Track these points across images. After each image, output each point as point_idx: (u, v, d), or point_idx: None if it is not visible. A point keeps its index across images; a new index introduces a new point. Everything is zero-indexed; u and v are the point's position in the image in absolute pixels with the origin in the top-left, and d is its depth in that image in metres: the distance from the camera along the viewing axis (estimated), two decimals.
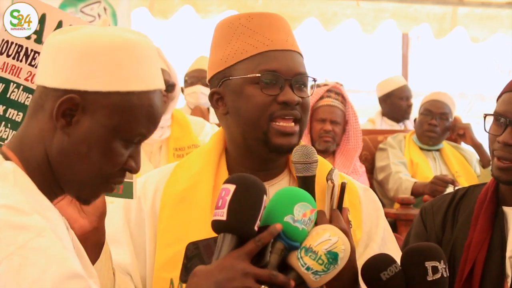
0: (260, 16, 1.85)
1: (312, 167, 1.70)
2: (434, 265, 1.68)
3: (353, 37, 8.10)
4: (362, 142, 4.52)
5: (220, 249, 1.49)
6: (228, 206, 1.48)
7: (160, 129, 3.97)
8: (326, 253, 1.51)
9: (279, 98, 1.77)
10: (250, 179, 1.53)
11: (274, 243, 1.50)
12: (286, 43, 1.82)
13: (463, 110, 7.49)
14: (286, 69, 1.79)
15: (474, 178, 4.77)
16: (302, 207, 1.53)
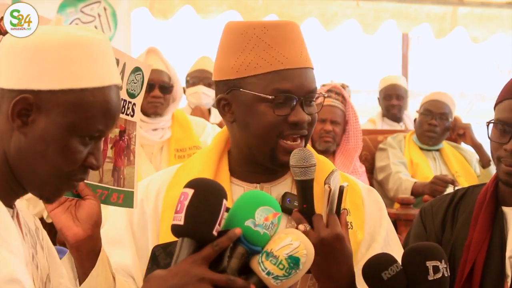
0: (276, 28, 1.82)
1: (309, 171, 1.69)
2: (435, 264, 1.68)
3: (353, 37, 8.10)
4: (362, 142, 4.52)
5: (179, 253, 1.48)
6: (186, 211, 1.47)
7: (160, 130, 3.97)
8: (287, 257, 1.49)
9: (290, 119, 1.77)
10: (209, 183, 1.52)
11: (235, 248, 1.49)
12: (300, 60, 1.80)
13: (463, 110, 7.49)
14: (298, 88, 1.78)
15: (474, 178, 4.76)
16: (264, 211, 1.51)
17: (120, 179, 1.83)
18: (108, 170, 1.81)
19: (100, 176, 1.80)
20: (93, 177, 1.78)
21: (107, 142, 1.80)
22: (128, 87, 1.83)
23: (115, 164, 1.82)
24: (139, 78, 1.85)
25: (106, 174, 1.81)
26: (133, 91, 1.85)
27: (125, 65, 1.81)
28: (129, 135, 1.86)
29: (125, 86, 1.82)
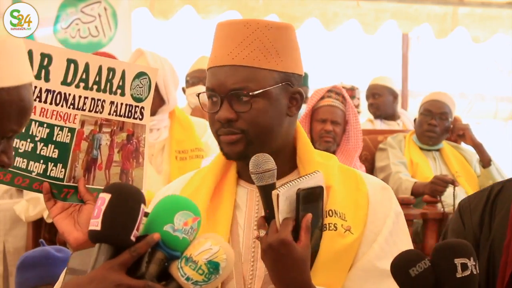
0: (224, 26, 1.85)
1: (265, 176, 1.67)
2: (464, 262, 1.67)
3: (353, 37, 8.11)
4: (362, 142, 4.52)
5: (96, 259, 1.47)
6: (103, 216, 1.46)
7: (156, 131, 3.93)
8: (207, 262, 1.48)
9: (215, 117, 1.81)
10: (125, 188, 1.52)
11: (154, 253, 1.48)
12: (226, 58, 1.81)
13: (463, 110, 7.50)
14: (220, 86, 1.80)
15: (474, 178, 4.77)
16: (183, 216, 1.50)
17: (128, 182, 1.86)
18: (116, 174, 1.85)
19: (107, 180, 1.84)
20: (100, 181, 1.84)
21: (113, 147, 1.85)
22: (133, 92, 1.86)
23: (123, 167, 1.86)
24: (144, 82, 1.89)
25: (113, 178, 1.85)
26: (139, 96, 1.88)
27: (124, 72, 1.84)
28: (138, 138, 1.90)
29: (129, 92, 1.85)
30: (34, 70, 1.71)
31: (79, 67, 1.77)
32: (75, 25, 5.83)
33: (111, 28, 5.91)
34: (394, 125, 6.07)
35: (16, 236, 4.35)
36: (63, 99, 1.76)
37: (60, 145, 1.78)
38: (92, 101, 1.80)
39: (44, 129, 1.75)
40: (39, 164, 1.76)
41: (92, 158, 1.82)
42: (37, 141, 1.75)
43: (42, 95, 1.74)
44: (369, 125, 6.10)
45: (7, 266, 4.35)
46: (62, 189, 1.79)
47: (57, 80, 1.75)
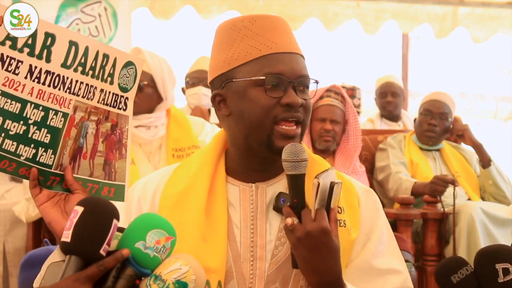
0: (263, 19, 1.84)
1: (300, 165, 1.69)
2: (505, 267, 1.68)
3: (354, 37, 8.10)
4: (361, 142, 4.52)
5: (65, 271, 1.48)
6: (73, 228, 1.48)
7: (154, 128, 3.94)
8: (175, 282, 1.49)
9: (283, 100, 1.78)
10: (99, 202, 1.53)
11: (124, 269, 1.50)
12: (289, 46, 1.83)
13: (463, 110, 7.49)
14: (290, 71, 1.80)
15: (474, 178, 4.77)
16: (156, 234, 1.52)
17: (111, 173, 1.85)
18: (99, 164, 1.83)
19: (91, 170, 1.82)
20: (84, 171, 1.81)
21: (98, 136, 1.82)
22: (120, 82, 1.84)
23: (106, 158, 1.84)
24: (131, 72, 1.87)
25: (97, 168, 1.83)
26: (125, 85, 1.86)
27: (116, 60, 1.82)
28: (121, 129, 1.88)
29: (117, 81, 1.83)
30: (37, 49, 1.68)
31: (79, 50, 1.75)
32: (75, 25, 5.83)
33: (111, 28, 5.91)
34: (395, 126, 6.07)
35: (16, 236, 4.35)
36: (61, 82, 1.73)
37: (53, 130, 1.74)
38: (86, 87, 1.78)
39: (39, 111, 1.71)
40: (29, 149, 1.71)
41: (78, 147, 1.80)
42: (30, 124, 1.71)
43: (42, 76, 1.70)
44: (369, 125, 6.10)
45: (7, 267, 4.35)
46: (49, 176, 1.76)
47: (57, 62, 1.72)
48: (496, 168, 4.76)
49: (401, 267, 1.86)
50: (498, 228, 4.26)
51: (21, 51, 1.67)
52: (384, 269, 1.82)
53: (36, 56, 1.69)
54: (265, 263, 1.81)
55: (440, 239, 4.26)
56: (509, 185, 4.76)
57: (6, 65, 1.66)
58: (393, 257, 1.87)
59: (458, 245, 4.16)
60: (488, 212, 4.25)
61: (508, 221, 4.30)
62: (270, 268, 1.81)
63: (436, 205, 4.31)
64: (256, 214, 1.84)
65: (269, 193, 1.85)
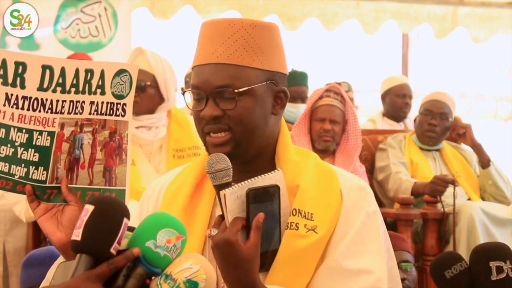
0: (208, 26, 1.86)
1: (217, 176, 1.67)
2: (499, 265, 1.67)
3: (354, 37, 8.10)
4: (361, 142, 4.52)
5: (75, 269, 1.48)
6: (84, 227, 1.48)
7: (154, 129, 3.94)
8: (185, 281, 1.49)
9: (200, 114, 1.82)
10: (109, 201, 1.53)
11: (135, 268, 1.49)
12: (211, 56, 1.81)
13: (463, 110, 7.49)
14: (204, 84, 1.80)
15: (474, 178, 4.76)
16: (167, 233, 1.52)
17: (112, 179, 1.88)
18: (99, 172, 1.87)
19: (90, 179, 1.86)
20: (83, 180, 1.86)
21: (95, 145, 1.86)
22: (114, 90, 1.87)
23: (106, 165, 1.88)
24: (125, 79, 1.89)
25: (96, 176, 1.87)
26: (120, 93, 1.88)
27: (103, 72, 1.85)
28: (120, 135, 1.90)
29: (110, 90, 1.86)
30: (10, 78, 1.74)
31: (55, 72, 1.79)
32: (75, 25, 5.83)
33: (111, 28, 5.91)
34: (397, 126, 6.06)
35: (16, 236, 4.35)
36: (40, 105, 1.79)
37: (40, 148, 1.80)
38: (70, 104, 1.82)
39: (23, 134, 1.78)
40: (21, 168, 1.78)
41: (74, 158, 1.84)
42: (17, 146, 1.77)
43: (19, 101, 1.77)
44: (370, 125, 6.09)
45: (7, 266, 4.35)
46: (45, 190, 1.81)
47: (33, 87, 1.77)
48: (496, 168, 4.75)
49: (374, 267, 1.79)
50: (498, 228, 4.26)
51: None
52: (355, 269, 1.76)
53: (10, 85, 1.75)
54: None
55: (440, 239, 4.26)
56: (508, 185, 4.76)
57: None
58: (369, 258, 1.79)
59: (458, 245, 4.16)
60: (488, 212, 4.25)
61: (508, 221, 4.30)
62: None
63: (436, 205, 4.31)
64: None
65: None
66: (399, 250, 3.25)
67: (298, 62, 6.67)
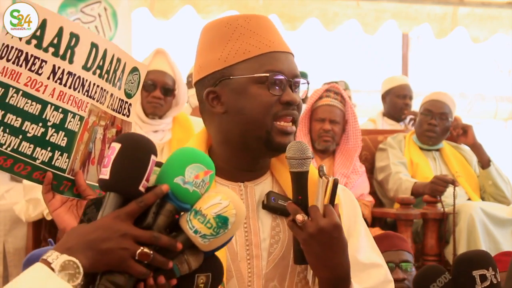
0: (257, 18, 1.86)
1: (305, 163, 1.70)
2: (482, 273, 1.69)
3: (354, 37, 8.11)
4: (361, 142, 4.52)
5: (104, 208, 1.45)
6: (112, 165, 1.44)
7: (161, 132, 3.99)
8: (215, 216, 1.46)
9: (283, 98, 1.80)
10: (137, 138, 1.49)
11: (164, 204, 1.46)
12: (285, 45, 1.85)
13: (463, 110, 7.49)
14: (288, 70, 1.83)
15: (474, 178, 4.77)
16: (195, 169, 1.48)
17: None
18: None
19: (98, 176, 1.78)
20: (92, 177, 1.80)
21: (105, 142, 1.81)
22: (126, 87, 1.83)
23: None
24: (136, 79, 1.85)
25: None
26: (130, 91, 1.85)
27: (126, 65, 1.81)
28: None
29: (123, 86, 1.82)
30: (62, 49, 1.66)
31: (99, 52, 1.73)
32: None
33: (111, 28, 5.91)
34: (397, 126, 6.07)
35: (16, 236, 4.35)
36: (80, 85, 1.71)
37: (70, 133, 1.72)
38: (100, 91, 1.76)
39: (58, 114, 1.69)
40: (46, 152, 1.69)
41: (88, 152, 1.78)
42: (49, 126, 1.68)
43: (64, 77, 1.68)
44: (370, 125, 6.09)
45: (7, 267, 4.36)
46: (63, 181, 1.74)
47: (79, 64, 1.70)
48: (496, 168, 4.76)
49: (381, 261, 1.89)
50: (498, 228, 4.26)
51: (46, 51, 1.66)
52: (367, 263, 1.85)
53: (60, 57, 1.67)
54: (261, 261, 1.81)
55: (440, 239, 4.26)
56: (508, 185, 4.76)
57: (30, 64, 1.64)
58: (373, 252, 1.89)
59: (458, 245, 4.16)
60: (488, 212, 4.25)
61: (508, 221, 4.30)
62: (268, 266, 1.81)
63: (436, 205, 4.31)
64: (248, 213, 1.84)
65: (257, 192, 1.86)
66: (399, 250, 3.26)
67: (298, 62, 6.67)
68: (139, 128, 3.97)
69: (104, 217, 1.42)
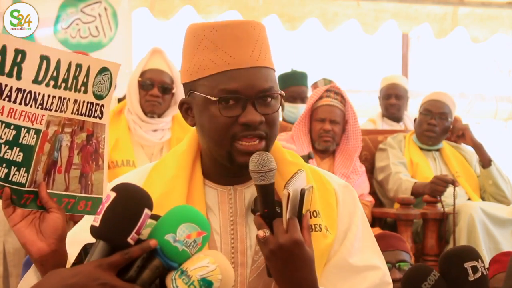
0: (225, 28, 1.77)
1: (268, 175, 1.65)
2: (473, 265, 1.69)
3: (353, 37, 8.10)
4: (361, 142, 4.52)
5: (92, 254, 1.46)
6: (103, 214, 1.45)
7: (160, 131, 3.99)
8: (200, 279, 1.46)
9: (240, 120, 1.73)
10: (132, 190, 1.48)
11: (152, 259, 1.46)
12: (249, 59, 1.75)
13: (463, 110, 7.48)
14: (247, 88, 1.73)
15: (474, 178, 4.76)
16: (188, 228, 1.48)
17: (88, 186, 1.78)
18: (75, 177, 1.76)
19: (66, 185, 1.75)
20: (59, 186, 1.74)
21: (73, 148, 1.76)
22: (95, 89, 1.77)
23: (82, 171, 1.77)
24: (106, 79, 1.79)
25: (72, 181, 1.76)
26: (100, 93, 1.78)
27: (89, 68, 1.74)
28: (97, 139, 1.80)
29: (91, 89, 1.76)
30: (7, 67, 1.62)
31: (51, 64, 1.67)
32: (76, 25, 5.83)
33: (111, 28, 5.91)
34: (397, 126, 6.07)
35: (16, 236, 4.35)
36: (32, 99, 1.65)
37: (25, 148, 1.66)
38: (58, 100, 1.70)
39: (10, 130, 1.64)
40: (1, 168, 1.64)
41: (52, 161, 1.72)
42: (2, 143, 1.63)
43: (12, 94, 1.63)
44: (370, 125, 6.09)
45: (7, 266, 4.35)
46: (23, 194, 1.68)
47: (28, 79, 1.65)
48: (497, 168, 4.76)
49: (379, 262, 1.84)
50: (498, 228, 4.26)
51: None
52: (361, 266, 1.80)
53: (6, 74, 1.62)
54: (246, 269, 1.79)
55: (440, 239, 4.26)
56: (509, 185, 4.76)
57: None
58: (371, 253, 1.84)
59: (458, 245, 4.16)
60: (488, 212, 4.25)
61: (508, 221, 4.30)
62: (252, 274, 1.79)
63: (436, 205, 4.31)
64: (236, 219, 1.81)
65: (247, 196, 1.83)
66: (397, 250, 3.26)
67: (298, 62, 6.67)
68: (138, 128, 3.97)
69: (87, 264, 1.43)
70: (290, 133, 4.58)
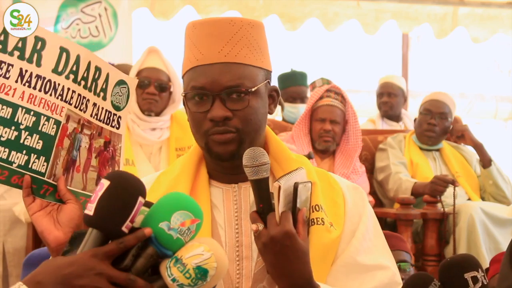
0: (202, 25, 1.82)
1: (261, 170, 1.65)
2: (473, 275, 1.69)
3: (354, 37, 8.10)
4: (361, 142, 4.52)
5: (85, 243, 1.44)
6: (97, 202, 1.43)
7: (159, 130, 3.99)
8: (195, 267, 1.44)
9: (207, 115, 1.77)
10: (125, 177, 1.47)
11: (146, 247, 1.45)
12: (217, 56, 1.78)
13: (463, 110, 7.49)
14: (213, 84, 1.77)
15: (474, 179, 4.77)
16: (182, 216, 1.46)
17: None
18: (92, 179, 1.80)
19: (84, 184, 1.79)
20: (77, 184, 1.78)
21: (91, 151, 1.79)
22: (113, 99, 1.82)
23: (99, 173, 1.81)
24: (124, 91, 1.84)
25: (89, 182, 1.80)
26: (118, 104, 1.84)
27: (109, 75, 1.79)
28: (114, 147, 1.84)
29: (110, 98, 1.80)
30: (27, 52, 1.65)
31: (71, 57, 1.71)
32: (76, 25, 5.83)
33: (111, 28, 5.91)
34: (396, 126, 6.07)
35: (16, 236, 4.35)
36: (52, 88, 1.69)
37: (45, 136, 1.70)
38: (78, 97, 1.74)
39: (30, 116, 1.67)
40: (22, 155, 1.67)
41: (71, 159, 1.76)
42: (22, 129, 1.66)
43: (32, 80, 1.67)
44: (370, 125, 6.10)
45: (7, 267, 4.36)
46: (42, 184, 1.72)
47: (48, 67, 1.68)
48: (497, 168, 4.76)
49: (389, 262, 1.85)
50: (498, 228, 4.26)
51: (11, 54, 1.65)
52: (370, 265, 1.81)
53: (27, 60, 1.66)
54: (251, 262, 1.80)
55: (440, 239, 4.26)
56: (509, 185, 4.76)
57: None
58: (380, 253, 1.85)
59: (458, 245, 4.16)
60: (488, 212, 4.25)
61: (508, 221, 4.30)
62: (257, 267, 1.80)
63: (436, 205, 4.31)
64: (240, 214, 1.83)
65: (252, 193, 1.84)
66: (397, 250, 3.26)
67: (298, 62, 6.67)
68: (137, 126, 3.97)
69: (81, 254, 1.42)
70: (290, 133, 4.58)
